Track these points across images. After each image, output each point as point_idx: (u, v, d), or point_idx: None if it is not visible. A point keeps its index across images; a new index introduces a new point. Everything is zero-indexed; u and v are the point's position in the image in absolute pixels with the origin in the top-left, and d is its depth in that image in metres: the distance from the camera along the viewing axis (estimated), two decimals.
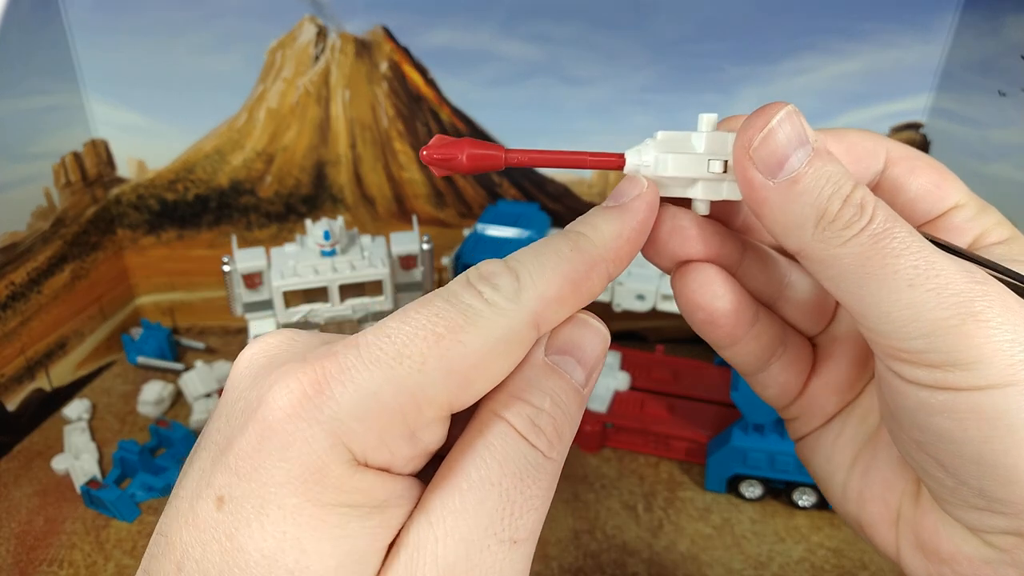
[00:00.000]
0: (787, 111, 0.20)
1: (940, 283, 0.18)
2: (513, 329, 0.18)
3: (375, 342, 0.17)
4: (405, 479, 0.18)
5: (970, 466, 0.19)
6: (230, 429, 0.17)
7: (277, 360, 0.19)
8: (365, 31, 0.59)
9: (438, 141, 0.21)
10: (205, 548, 0.16)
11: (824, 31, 0.56)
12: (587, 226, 0.21)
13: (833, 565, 0.47)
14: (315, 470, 0.16)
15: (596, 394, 0.57)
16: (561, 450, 0.19)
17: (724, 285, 0.23)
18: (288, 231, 0.66)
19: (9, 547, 0.47)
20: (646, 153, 0.22)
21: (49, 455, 0.55)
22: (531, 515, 0.18)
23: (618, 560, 0.47)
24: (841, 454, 0.25)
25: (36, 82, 0.56)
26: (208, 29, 0.58)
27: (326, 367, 0.17)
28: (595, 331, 0.21)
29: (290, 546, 0.16)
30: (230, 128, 0.62)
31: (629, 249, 0.21)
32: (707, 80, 0.58)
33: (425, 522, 0.17)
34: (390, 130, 0.62)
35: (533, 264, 0.19)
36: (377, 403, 0.17)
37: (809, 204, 0.20)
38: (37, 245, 0.57)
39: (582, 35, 0.57)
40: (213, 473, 0.17)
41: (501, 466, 0.18)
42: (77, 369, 0.63)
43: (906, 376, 0.19)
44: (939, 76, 0.57)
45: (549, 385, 0.19)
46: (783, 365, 0.25)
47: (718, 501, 0.52)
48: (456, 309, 0.18)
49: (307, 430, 0.16)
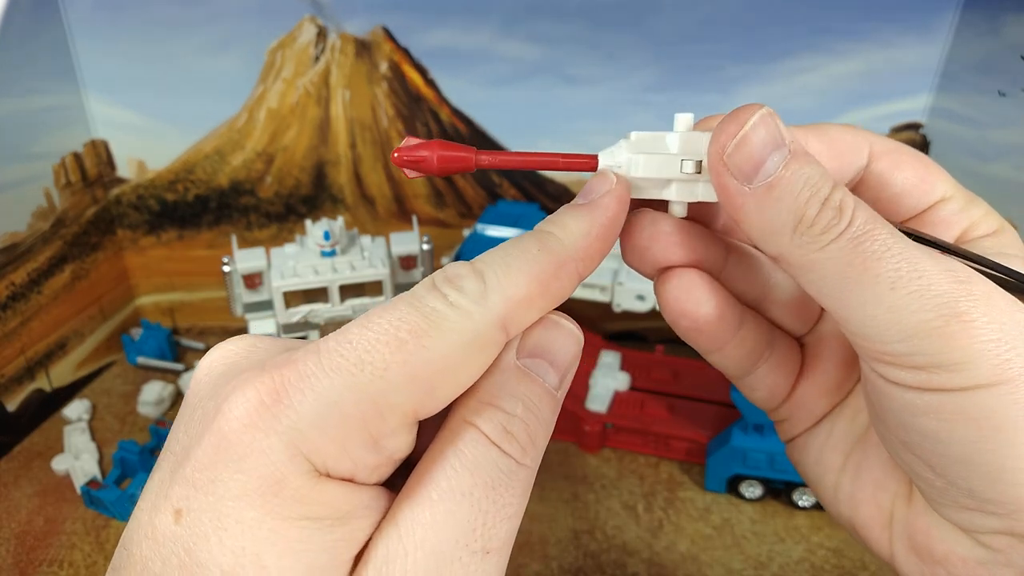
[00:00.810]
0: (761, 114, 0.19)
1: (923, 284, 0.18)
2: (479, 332, 0.18)
3: (336, 348, 0.17)
4: (370, 489, 0.17)
5: (958, 467, 0.19)
6: (188, 439, 0.17)
7: (236, 368, 0.18)
8: (365, 31, 0.59)
9: (408, 142, 0.21)
10: (165, 563, 0.16)
11: (824, 31, 0.56)
12: (555, 225, 0.20)
13: (833, 565, 0.47)
14: (273, 482, 0.16)
15: (596, 394, 0.57)
16: (535, 456, 0.19)
17: (708, 291, 0.23)
18: (288, 231, 0.66)
19: (9, 547, 0.47)
20: (619, 154, 0.22)
21: (49, 455, 0.55)
22: (504, 524, 0.18)
23: (618, 560, 0.47)
24: (831, 455, 0.25)
25: (36, 82, 0.56)
26: (208, 30, 0.58)
27: (284, 375, 0.17)
28: (567, 332, 0.20)
29: (249, 562, 0.16)
30: (230, 128, 0.62)
31: (599, 247, 0.20)
32: (707, 80, 0.58)
33: (394, 534, 0.17)
34: (390, 130, 0.62)
35: (499, 265, 0.19)
36: (337, 411, 0.16)
37: (786, 209, 0.19)
38: (37, 245, 0.57)
39: (582, 35, 0.57)
40: (171, 485, 0.16)
41: (472, 475, 0.17)
42: (77, 369, 0.63)
43: (891, 378, 0.19)
44: (939, 76, 0.57)
45: (521, 390, 0.19)
46: (771, 367, 0.25)
47: (718, 501, 0.52)
48: (420, 313, 0.17)
49: (264, 440, 0.16)
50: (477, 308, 0.18)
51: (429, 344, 0.17)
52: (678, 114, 0.22)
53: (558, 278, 0.19)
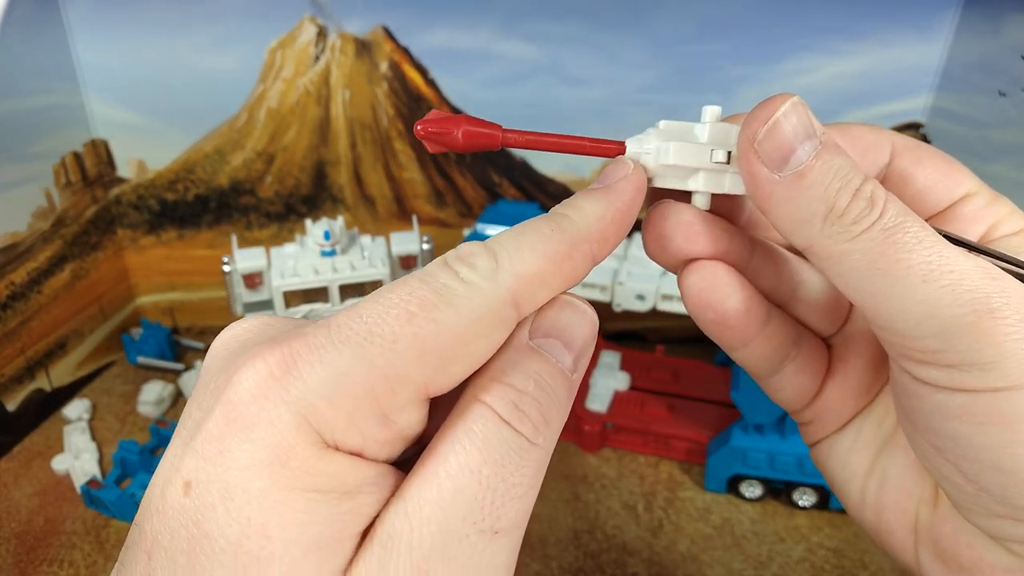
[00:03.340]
0: (793, 102, 0.19)
1: (954, 279, 0.18)
2: (490, 307, 0.18)
3: (346, 322, 0.17)
4: (379, 465, 0.17)
5: (991, 472, 0.18)
6: (200, 413, 0.17)
7: (249, 344, 0.18)
8: (365, 31, 0.59)
9: (434, 115, 0.21)
10: (173, 535, 0.16)
11: (824, 31, 0.56)
12: (570, 207, 0.20)
13: (833, 565, 0.47)
14: (281, 452, 0.16)
15: (596, 394, 0.57)
16: (548, 436, 0.18)
17: (734, 283, 0.22)
18: (288, 231, 0.66)
19: (9, 547, 0.47)
20: (648, 141, 0.21)
21: (49, 455, 0.55)
22: (514, 504, 0.17)
23: (618, 560, 0.47)
24: (858, 460, 0.24)
25: (36, 82, 0.56)
26: (208, 29, 0.58)
27: (294, 347, 0.16)
28: (582, 313, 0.20)
29: (255, 532, 0.15)
30: (230, 128, 0.62)
31: (615, 230, 0.20)
32: (707, 80, 0.58)
33: (401, 511, 0.17)
34: (390, 130, 0.62)
35: (512, 243, 0.19)
36: (346, 382, 0.16)
37: (817, 198, 0.19)
38: (37, 245, 0.57)
39: (582, 35, 0.57)
40: (182, 458, 0.16)
41: (481, 452, 0.17)
42: (77, 369, 0.63)
43: (921, 377, 0.19)
44: (939, 76, 0.57)
45: (533, 368, 0.18)
46: (797, 367, 0.24)
47: (718, 501, 0.52)
48: (430, 288, 0.17)
49: (272, 410, 0.16)
50: (488, 284, 0.18)
51: (439, 317, 0.17)
52: (706, 106, 0.21)
53: (571, 258, 0.19)
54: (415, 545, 0.16)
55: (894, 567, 0.47)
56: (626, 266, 0.54)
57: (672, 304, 0.52)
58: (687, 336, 0.68)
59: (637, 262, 0.54)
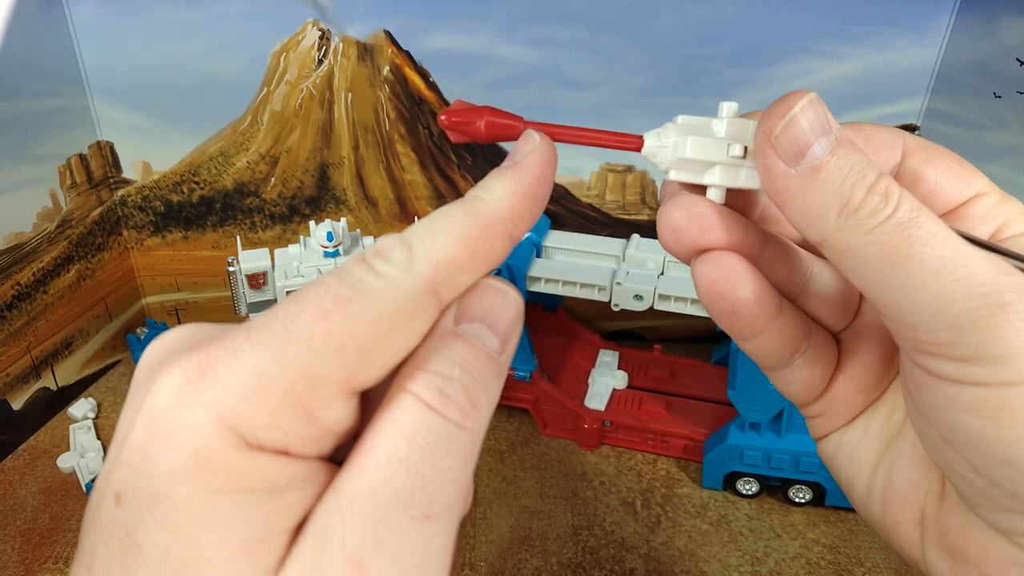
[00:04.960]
0: (809, 98, 0.20)
1: (967, 273, 0.18)
2: (407, 298, 0.18)
3: (264, 323, 0.17)
4: (309, 462, 0.17)
5: (1001, 466, 0.18)
6: (127, 424, 0.17)
7: (175, 353, 0.18)
8: (367, 35, 0.59)
9: (458, 105, 0.21)
10: (109, 547, 0.16)
11: (820, 34, 0.56)
12: (481, 189, 0.20)
13: (829, 561, 0.47)
14: (202, 456, 0.16)
15: (595, 392, 0.58)
16: (477, 419, 0.18)
17: (746, 273, 0.22)
18: (292, 232, 0.67)
19: (15, 545, 0.48)
20: (665, 135, 0.22)
21: (55, 454, 0.56)
22: (446, 488, 0.17)
23: (616, 556, 0.47)
24: (866, 454, 0.24)
25: (42, 84, 0.56)
26: (212, 33, 0.59)
27: (211, 352, 0.17)
28: (503, 295, 0.20)
29: (183, 537, 0.16)
30: (234, 131, 0.63)
31: (528, 205, 0.20)
32: (705, 83, 0.58)
33: (333, 504, 0.17)
34: (392, 132, 0.63)
35: (425, 232, 0.19)
36: (265, 382, 0.16)
37: (832, 192, 0.19)
38: (43, 246, 0.58)
39: (581, 39, 0.58)
40: (112, 470, 0.17)
41: (408, 441, 0.17)
42: (83, 368, 0.63)
43: (933, 371, 0.19)
44: (934, 79, 0.57)
45: (458, 353, 0.18)
46: (807, 360, 0.24)
47: (715, 498, 0.52)
48: (345, 284, 0.17)
49: (191, 416, 0.16)
50: (403, 274, 0.18)
51: (355, 311, 0.17)
52: (723, 102, 0.22)
53: (486, 240, 0.19)
54: (347, 537, 0.16)
55: (889, 563, 0.47)
56: (624, 266, 0.54)
57: (669, 304, 0.52)
58: (684, 335, 0.69)
59: (635, 262, 0.55)
